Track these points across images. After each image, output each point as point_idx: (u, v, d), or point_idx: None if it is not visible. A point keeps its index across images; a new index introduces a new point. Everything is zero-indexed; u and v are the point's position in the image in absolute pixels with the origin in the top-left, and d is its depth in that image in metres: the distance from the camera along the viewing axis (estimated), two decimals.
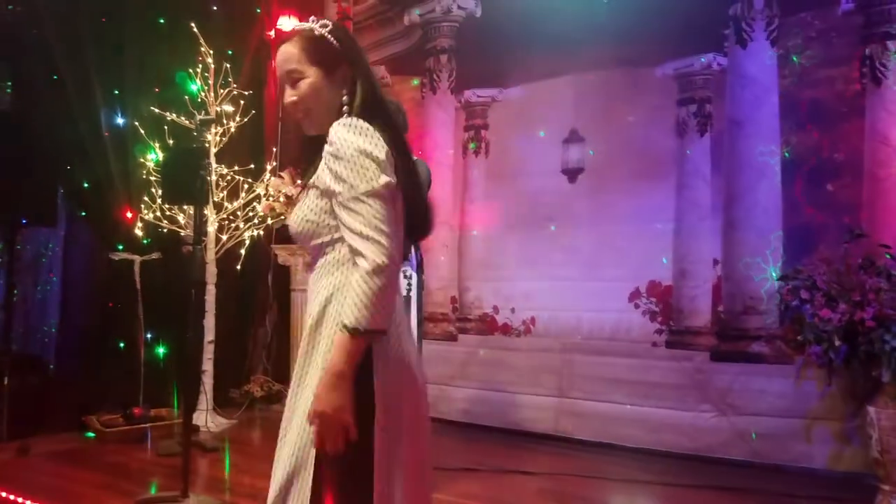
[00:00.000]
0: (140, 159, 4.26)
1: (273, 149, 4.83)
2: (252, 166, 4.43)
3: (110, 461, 3.50)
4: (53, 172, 4.29)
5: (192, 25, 4.21)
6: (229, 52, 4.48)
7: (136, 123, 4.22)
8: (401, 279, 3.06)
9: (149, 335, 4.29)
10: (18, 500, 2.84)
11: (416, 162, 3.11)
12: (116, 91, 4.47)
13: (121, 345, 4.39)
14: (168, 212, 4.16)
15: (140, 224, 4.22)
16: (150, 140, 4.16)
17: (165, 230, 4.20)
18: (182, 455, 2.86)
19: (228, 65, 4.30)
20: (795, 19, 3.57)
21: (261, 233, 4.46)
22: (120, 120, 4.48)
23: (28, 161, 3.97)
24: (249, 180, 4.37)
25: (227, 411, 4.51)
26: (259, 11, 5.14)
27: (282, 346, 4.96)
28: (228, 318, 4.56)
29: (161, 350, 4.40)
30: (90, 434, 3.95)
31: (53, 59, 4.26)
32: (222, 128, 4.29)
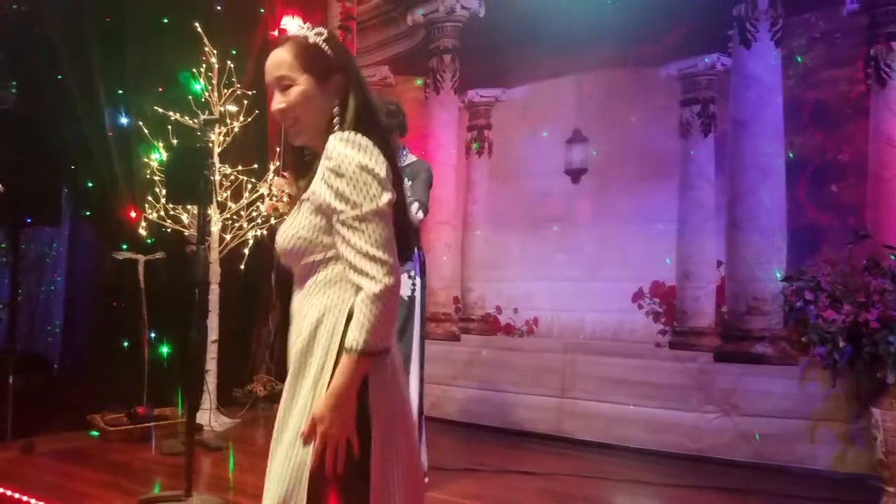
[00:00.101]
0: (144, 159, 4.27)
1: (276, 149, 4.83)
2: (255, 166, 4.43)
3: (114, 460, 3.51)
4: (58, 172, 4.31)
5: (196, 25, 4.21)
6: (233, 52, 4.48)
7: (140, 123, 4.23)
8: (405, 280, 3.07)
9: (153, 334, 4.30)
10: (23, 499, 2.85)
11: (418, 163, 3.15)
12: (120, 91, 4.48)
13: (125, 344, 4.39)
14: (172, 211, 4.17)
15: (144, 224, 4.23)
16: (154, 140, 4.17)
17: (169, 230, 4.21)
18: (185, 454, 2.86)
19: (232, 64, 4.30)
20: (800, 20, 3.57)
21: (264, 232, 4.46)
22: (124, 119, 4.49)
23: (32, 160, 3.99)
24: (253, 180, 4.38)
25: (231, 410, 4.51)
26: (263, 11, 5.15)
27: (285, 346, 4.86)
28: (232, 318, 4.56)
29: (165, 349, 4.41)
30: (94, 433, 3.95)
31: (58, 59, 4.27)
32: (226, 127, 4.29)
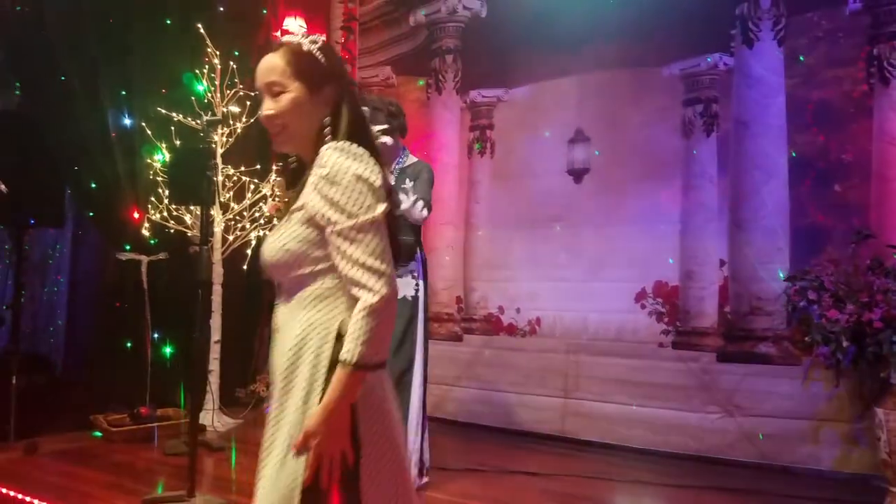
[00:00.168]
0: (147, 160, 4.27)
1: None
2: (258, 167, 4.44)
3: (117, 460, 3.51)
4: (61, 173, 4.31)
5: (199, 26, 4.22)
6: (236, 53, 4.49)
7: (143, 124, 4.23)
8: (408, 280, 3.07)
9: (156, 335, 4.31)
10: (26, 499, 2.86)
11: (419, 163, 3.15)
12: (123, 92, 4.48)
13: (128, 345, 4.40)
14: (175, 212, 4.18)
15: (147, 224, 4.24)
16: (157, 141, 4.18)
17: (172, 230, 4.22)
18: (188, 454, 2.87)
19: (235, 65, 4.31)
20: (802, 19, 3.56)
21: (267, 233, 4.46)
22: (127, 120, 4.49)
23: (35, 161, 3.99)
24: (255, 181, 4.38)
25: (234, 411, 4.52)
26: (265, 12, 5.16)
27: None
28: (235, 318, 4.56)
29: (168, 350, 4.42)
30: (97, 433, 3.96)
31: (61, 60, 4.28)
32: (229, 128, 4.30)
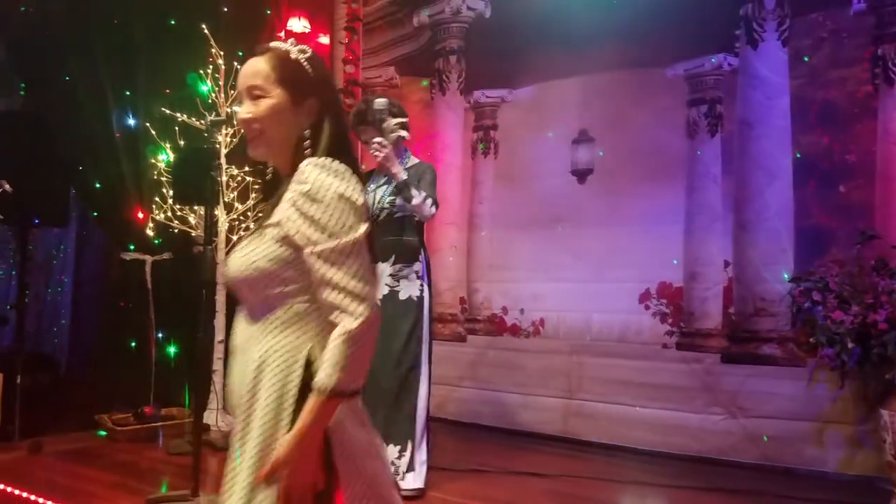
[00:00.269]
0: (151, 160, 4.28)
1: None
2: (262, 167, 4.44)
3: (121, 460, 3.52)
4: (65, 173, 4.32)
5: (203, 27, 4.23)
6: (239, 54, 4.48)
7: (148, 124, 4.24)
8: (414, 280, 3.07)
9: (160, 334, 4.31)
10: (31, 498, 2.87)
11: (421, 164, 3.15)
12: (128, 92, 4.50)
13: (132, 344, 4.41)
14: (179, 212, 4.18)
15: (151, 224, 4.25)
16: (162, 141, 4.18)
17: (176, 230, 4.22)
18: (192, 454, 2.87)
19: (239, 66, 4.30)
20: (807, 19, 3.55)
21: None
22: (131, 121, 4.51)
23: (40, 162, 4.00)
24: (259, 181, 4.39)
25: None
26: (269, 13, 5.16)
27: None
28: None
29: (172, 349, 4.42)
30: (101, 433, 3.97)
31: (65, 61, 4.30)
32: (233, 129, 4.30)
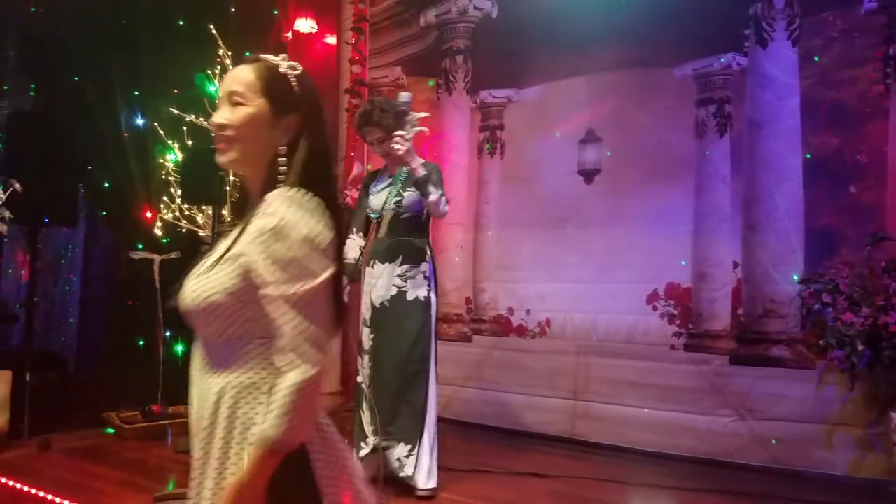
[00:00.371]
0: (159, 160, 4.31)
1: None
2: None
3: (129, 457, 3.54)
4: (74, 173, 4.35)
5: (211, 27, 4.25)
6: (247, 54, 4.48)
7: (156, 124, 4.27)
8: (421, 281, 3.06)
9: (168, 333, 4.33)
10: (39, 495, 2.89)
11: (427, 164, 3.13)
12: (136, 92, 4.53)
13: (140, 343, 4.44)
14: (187, 211, 4.21)
15: (159, 224, 4.27)
16: (170, 141, 4.21)
17: (184, 230, 4.24)
18: None
19: None
20: (817, 19, 3.52)
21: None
22: (140, 121, 4.54)
23: (49, 161, 4.02)
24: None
25: None
26: (276, 13, 5.18)
27: None
28: None
29: (180, 348, 4.44)
30: (110, 430, 3.99)
31: (75, 61, 4.33)
32: None
